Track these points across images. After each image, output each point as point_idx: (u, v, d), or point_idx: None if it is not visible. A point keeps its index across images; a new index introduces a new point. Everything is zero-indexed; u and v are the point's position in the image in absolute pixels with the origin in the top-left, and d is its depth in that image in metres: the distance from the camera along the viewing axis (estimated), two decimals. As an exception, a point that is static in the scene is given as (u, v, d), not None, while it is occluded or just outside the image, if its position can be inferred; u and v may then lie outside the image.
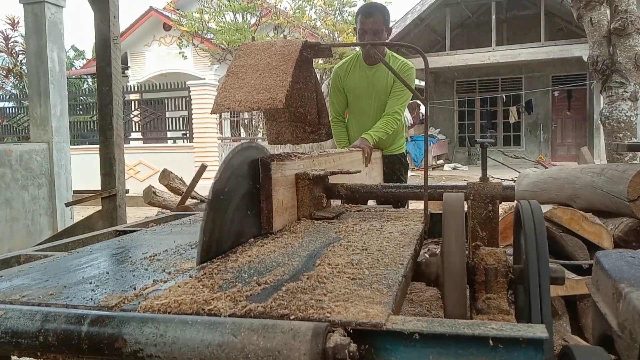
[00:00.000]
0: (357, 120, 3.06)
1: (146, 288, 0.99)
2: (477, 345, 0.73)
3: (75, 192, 4.87)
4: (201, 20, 13.22)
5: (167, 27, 14.85)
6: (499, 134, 16.32)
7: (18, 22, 14.06)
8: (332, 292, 0.90)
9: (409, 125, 14.54)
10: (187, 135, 10.71)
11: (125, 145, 4.12)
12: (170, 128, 10.85)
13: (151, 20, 14.97)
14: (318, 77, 1.99)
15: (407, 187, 1.90)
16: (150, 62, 15.24)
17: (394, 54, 2.98)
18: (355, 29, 2.95)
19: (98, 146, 3.77)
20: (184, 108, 10.56)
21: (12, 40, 14.45)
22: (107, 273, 1.14)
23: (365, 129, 2.87)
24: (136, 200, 7.63)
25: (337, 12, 13.28)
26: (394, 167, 3.13)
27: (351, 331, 0.76)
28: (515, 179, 3.98)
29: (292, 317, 0.80)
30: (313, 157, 1.84)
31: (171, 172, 4.38)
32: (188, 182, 4.09)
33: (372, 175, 2.77)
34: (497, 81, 16.11)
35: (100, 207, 3.78)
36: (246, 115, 12.36)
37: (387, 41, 3.09)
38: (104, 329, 0.79)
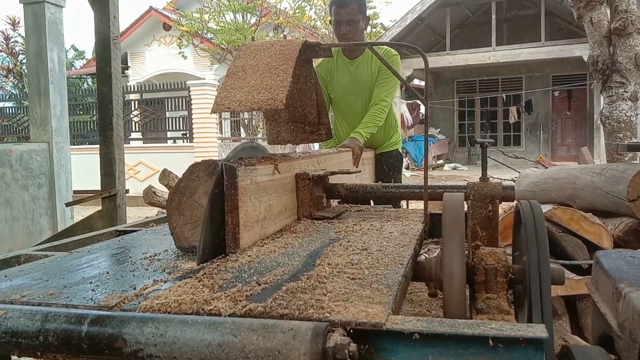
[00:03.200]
0: (345, 119, 2.92)
1: (146, 288, 0.99)
2: (477, 345, 0.73)
3: (75, 192, 4.88)
4: (201, 20, 13.24)
5: (167, 27, 14.87)
6: (499, 134, 16.33)
7: (18, 22, 14.09)
8: (332, 292, 0.90)
9: (409, 125, 14.60)
10: (187, 135, 10.71)
11: (125, 145, 4.12)
12: (170, 128, 10.86)
13: (151, 20, 14.99)
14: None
15: (407, 187, 1.89)
16: (150, 62, 15.26)
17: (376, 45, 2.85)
18: (330, 20, 2.78)
19: (98, 146, 3.77)
20: (184, 108, 10.57)
21: (12, 40, 14.49)
22: (107, 273, 1.14)
23: (356, 127, 2.72)
24: (136, 200, 7.63)
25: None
26: (390, 165, 2.99)
27: (351, 331, 0.76)
28: (515, 179, 3.98)
29: (292, 317, 0.80)
30: (292, 159, 1.66)
31: (171, 172, 4.38)
32: (188, 182, 4.08)
33: (362, 178, 2.62)
34: (497, 81, 16.11)
35: (100, 207, 3.78)
36: (246, 115, 12.36)
37: (386, 41, 3.07)
38: (104, 328, 0.80)
